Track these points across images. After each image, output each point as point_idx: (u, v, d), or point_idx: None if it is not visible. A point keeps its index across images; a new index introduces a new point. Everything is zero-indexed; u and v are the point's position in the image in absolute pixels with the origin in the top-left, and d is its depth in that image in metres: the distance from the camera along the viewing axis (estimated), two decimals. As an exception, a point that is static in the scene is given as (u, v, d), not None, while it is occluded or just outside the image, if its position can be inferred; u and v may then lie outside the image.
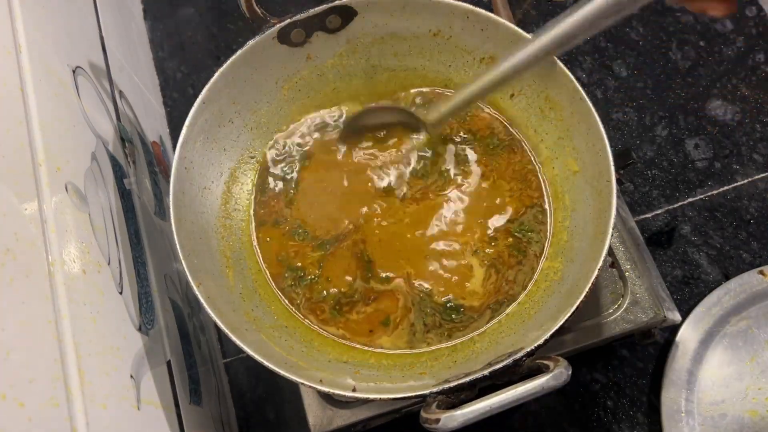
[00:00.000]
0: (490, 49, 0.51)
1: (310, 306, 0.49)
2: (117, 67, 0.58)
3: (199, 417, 0.49)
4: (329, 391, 0.40)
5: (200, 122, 0.49)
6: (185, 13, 0.78)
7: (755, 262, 0.61)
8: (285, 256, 0.51)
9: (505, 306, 0.48)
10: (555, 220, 0.50)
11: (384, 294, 0.49)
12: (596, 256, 0.42)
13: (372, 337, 0.48)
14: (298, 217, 0.52)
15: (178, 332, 0.51)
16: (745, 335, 0.57)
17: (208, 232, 0.49)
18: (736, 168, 0.65)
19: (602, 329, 0.50)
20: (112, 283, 0.41)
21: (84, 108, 0.47)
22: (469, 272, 0.49)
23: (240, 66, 0.50)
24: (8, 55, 0.39)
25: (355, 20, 0.52)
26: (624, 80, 0.69)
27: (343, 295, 0.49)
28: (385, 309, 0.49)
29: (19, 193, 0.35)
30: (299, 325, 0.49)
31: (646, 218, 0.64)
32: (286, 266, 0.50)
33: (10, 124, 0.37)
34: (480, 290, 0.49)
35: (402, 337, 0.48)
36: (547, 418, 0.57)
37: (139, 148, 0.57)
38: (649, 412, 0.57)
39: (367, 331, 0.48)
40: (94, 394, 0.34)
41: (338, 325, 0.49)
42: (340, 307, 0.49)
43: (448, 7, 0.50)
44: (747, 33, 0.70)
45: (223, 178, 0.51)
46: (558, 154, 0.50)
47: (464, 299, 0.48)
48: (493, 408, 0.36)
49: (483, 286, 0.49)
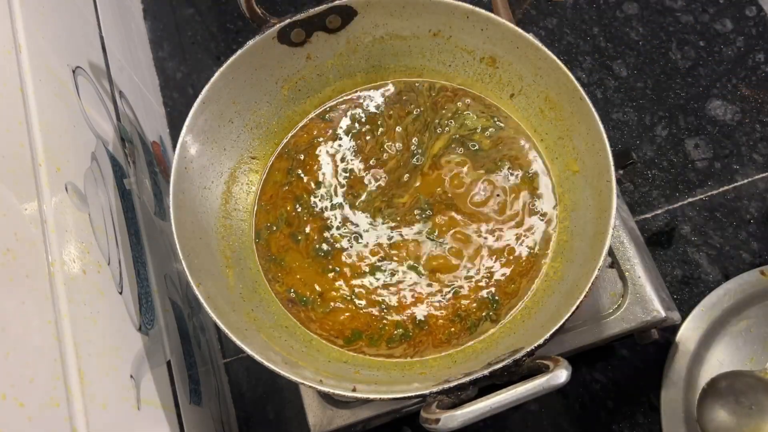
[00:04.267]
0: (490, 49, 0.51)
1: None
2: (117, 67, 0.58)
3: (199, 417, 0.49)
4: (329, 391, 0.40)
5: (200, 122, 0.49)
6: (185, 13, 0.78)
7: (755, 262, 0.61)
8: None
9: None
10: (556, 219, 0.50)
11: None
12: (596, 256, 0.42)
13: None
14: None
15: (178, 332, 0.51)
16: (745, 335, 0.57)
17: (208, 232, 0.49)
18: (736, 168, 0.65)
19: (602, 329, 0.50)
20: (112, 283, 0.41)
21: (84, 108, 0.47)
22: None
23: (240, 66, 0.50)
24: (8, 55, 0.39)
25: (355, 20, 0.52)
26: (624, 80, 0.69)
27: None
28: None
29: (19, 193, 0.35)
30: (299, 325, 0.49)
31: (646, 218, 0.64)
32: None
33: (10, 124, 0.37)
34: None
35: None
36: (547, 418, 0.57)
37: (139, 148, 0.57)
38: (649, 412, 0.57)
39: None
40: (94, 394, 0.34)
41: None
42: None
43: (448, 7, 0.50)
44: (747, 33, 0.70)
45: (223, 178, 0.51)
46: (558, 154, 0.50)
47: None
48: (493, 408, 0.36)
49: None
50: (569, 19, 0.73)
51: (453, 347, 0.47)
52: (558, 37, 0.72)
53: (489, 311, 0.48)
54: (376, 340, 0.47)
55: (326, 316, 0.48)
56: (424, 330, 0.47)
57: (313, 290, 0.49)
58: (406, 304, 0.48)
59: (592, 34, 0.72)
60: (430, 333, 0.47)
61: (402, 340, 0.47)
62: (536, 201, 0.50)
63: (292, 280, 0.50)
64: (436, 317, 0.48)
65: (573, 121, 0.48)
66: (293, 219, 0.52)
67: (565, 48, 0.72)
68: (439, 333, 0.47)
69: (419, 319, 0.48)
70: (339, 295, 0.49)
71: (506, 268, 0.49)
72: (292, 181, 0.53)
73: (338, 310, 0.48)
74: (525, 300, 0.48)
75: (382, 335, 0.47)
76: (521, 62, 0.50)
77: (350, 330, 0.48)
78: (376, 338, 0.47)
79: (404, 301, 0.48)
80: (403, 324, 0.48)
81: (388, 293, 0.49)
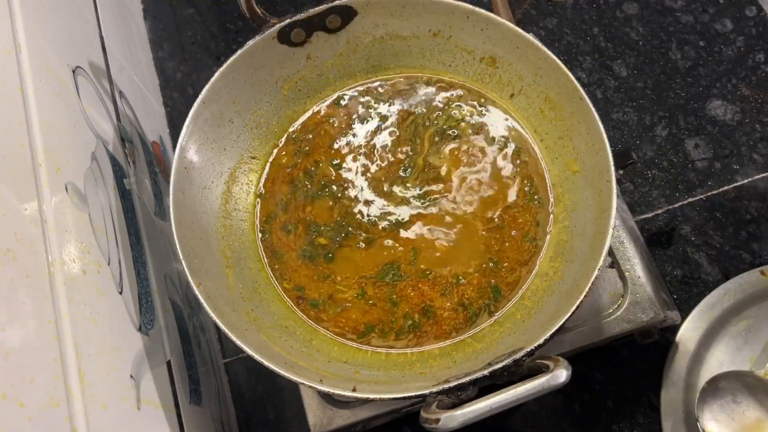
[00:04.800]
0: (490, 49, 0.51)
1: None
2: (117, 67, 0.58)
3: (199, 417, 0.49)
4: (329, 391, 0.40)
5: (200, 122, 0.49)
6: (185, 13, 0.78)
7: (755, 262, 0.61)
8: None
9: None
10: (555, 220, 0.50)
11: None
12: (596, 256, 0.42)
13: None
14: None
15: (178, 332, 0.51)
16: (745, 335, 0.57)
17: (208, 232, 0.49)
18: (736, 168, 0.65)
19: (602, 329, 0.50)
20: (112, 283, 0.41)
21: (84, 108, 0.47)
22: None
23: (240, 66, 0.50)
24: (8, 55, 0.39)
25: (355, 20, 0.52)
26: (624, 80, 0.69)
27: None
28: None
29: (19, 193, 0.35)
30: (299, 325, 0.49)
31: (646, 218, 0.64)
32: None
33: (10, 124, 0.37)
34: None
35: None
36: (547, 418, 0.57)
37: (139, 148, 0.57)
38: (649, 412, 0.57)
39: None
40: (94, 394, 0.34)
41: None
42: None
43: (448, 7, 0.50)
44: (747, 33, 0.70)
45: (223, 178, 0.51)
46: (558, 154, 0.50)
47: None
48: (493, 408, 0.36)
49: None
50: (569, 19, 0.73)
51: (451, 339, 0.47)
52: (558, 37, 0.72)
53: (489, 301, 0.48)
54: (387, 332, 0.48)
55: (338, 315, 0.49)
56: (430, 320, 0.48)
57: (322, 292, 0.49)
58: (415, 295, 0.48)
59: (592, 34, 0.72)
60: (436, 323, 0.48)
61: (410, 330, 0.47)
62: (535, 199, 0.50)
63: (298, 277, 0.50)
64: (443, 308, 0.48)
65: (573, 121, 0.48)
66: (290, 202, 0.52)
67: (565, 48, 0.72)
68: (444, 324, 0.48)
69: (427, 309, 0.48)
70: (349, 295, 0.49)
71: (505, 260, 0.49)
72: (297, 162, 0.53)
73: (349, 309, 0.49)
74: (525, 300, 0.48)
75: (392, 327, 0.48)
76: (521, 62, 0.50)
77: (363, 324, 0.48)
78: (387, 330, 0.48)
79: (413, 292, 0.48)
80: (411, 315, 0.48)
81: (397, 285, 0.49)
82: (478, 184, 0.51)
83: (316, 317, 0.49)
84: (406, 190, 0.52)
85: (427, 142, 0.53)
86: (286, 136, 0.55)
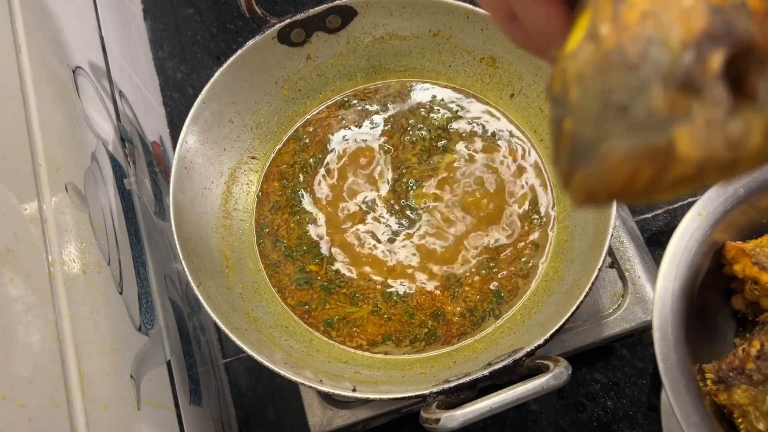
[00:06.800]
0: (490, 49, 0.51)
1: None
2: (117, 67, 0.58)
3: (199, 417, 0.49)
4: (329, 391, 0.40)
5: (200, 122, 0.49)
6: (185, 13, 0.78)
7: (755, 262, 0.61)
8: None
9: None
10: (555, 220, 0.50)
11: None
12: (596, 256, 0.42)
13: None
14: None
15: (178, 332, 0.51)
16: (745, 335, 0.57)
17: (208, 232, 0.49)
18: (736, 168, 0.65)
19: (602, 329, 0.50)
20: (112, 283, 0.41)
21: (84, 108, 0.47)
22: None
23: (240, 66, 0.50)
24: (8, 55, 0.39)
25: (355, 20, 0.52)
26: (624, 80, 0.69)
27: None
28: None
29: (19, 193, 0.35)
30: (299, 325, 0.49)
31: (646, 218, 0.64)
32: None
33: (10, 124, 0.37)
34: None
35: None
36: (547, 418, 0.57)
37: (139, 148, 0.57)
38: (648, 412, 0.57)
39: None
40: (94, 394, 0.34)
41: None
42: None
43: (448, 7, 0.50)
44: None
45: (223, 178, 0.51)
46: (558, 154, 0.50)
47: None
48: (493, 408, 0.36)
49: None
50: (569, 19, 0.73)
51: (457, 344, 0.47)
52: (558, 37, 0.72)
53: (494, 306, 0.48)
54: (401, 341, 0.48)
55: (352, 331, 0.49)
56: (441, 327, 0.48)
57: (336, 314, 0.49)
58: (426, 304, 0.48)
59: (592, 34, 0.72)
60: (447, 327, 0.48)
61: (426, 338, 0.47)
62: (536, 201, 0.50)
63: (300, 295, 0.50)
64: (453, 312, 0.48)
65: (573, 121, 0.48)
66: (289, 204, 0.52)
67: (565, 48, 0.71)
68: (453, 328, 0.48)
69: (438, 315, 0.48)
70: (364, 311, 0.49)
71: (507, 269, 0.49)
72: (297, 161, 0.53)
73: (366, 323, 0.49)
74: (525, 300, 0.48)
75: (407, 336, 0.48)
76: (521, 62, 0.50)
77: (380, 335, 0.48)
78: (402, 338, 0.48)
79: (425, 301, 0.48)
80: (426, 323, 0.48)
81: (408, 296, 0.49)
82: (476, 190, 0.51)
83: (326, 333, 0.49)
84: (408, 199, 0.52)
85: (420, 149, 0.53)
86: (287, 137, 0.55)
